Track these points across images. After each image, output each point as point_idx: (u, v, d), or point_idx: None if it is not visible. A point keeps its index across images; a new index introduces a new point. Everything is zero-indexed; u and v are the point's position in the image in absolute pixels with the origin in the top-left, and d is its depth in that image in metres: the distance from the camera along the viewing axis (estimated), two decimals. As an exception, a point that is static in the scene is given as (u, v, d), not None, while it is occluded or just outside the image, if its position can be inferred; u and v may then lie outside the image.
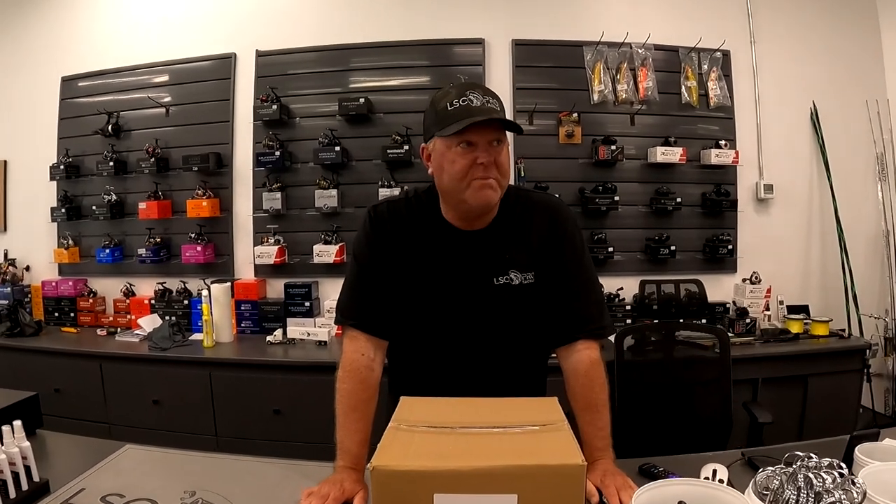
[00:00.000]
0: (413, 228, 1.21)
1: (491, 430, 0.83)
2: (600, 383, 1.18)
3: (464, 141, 1.09)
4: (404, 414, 0.89)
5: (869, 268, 3.14)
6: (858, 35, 3.15)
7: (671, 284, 2.84)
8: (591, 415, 1.15)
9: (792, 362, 2.59)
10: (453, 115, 1.08)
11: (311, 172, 2.92)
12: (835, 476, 0.89)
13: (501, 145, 1.12)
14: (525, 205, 1.24)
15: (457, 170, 1.10)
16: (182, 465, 1.27)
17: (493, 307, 1.20)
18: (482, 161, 1.08)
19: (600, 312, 1.24)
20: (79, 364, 2.67)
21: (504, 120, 1.10)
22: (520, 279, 1.20)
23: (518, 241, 1.21)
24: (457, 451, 0.78)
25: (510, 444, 0.80)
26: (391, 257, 1.20)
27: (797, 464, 0.92)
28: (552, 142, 2.90)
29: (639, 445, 1.47)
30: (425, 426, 0.84)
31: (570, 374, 1.20)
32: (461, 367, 1.22)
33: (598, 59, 2.89)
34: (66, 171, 3.09)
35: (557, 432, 0.83)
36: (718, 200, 2.93)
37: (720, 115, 2.98)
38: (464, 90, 1.10)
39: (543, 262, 1.21)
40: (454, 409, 0.94)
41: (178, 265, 3.01)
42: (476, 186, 1.10)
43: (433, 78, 2.91)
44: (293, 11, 3.01)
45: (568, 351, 1.20)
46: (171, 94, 3.07)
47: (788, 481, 0.90)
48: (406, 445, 0.79)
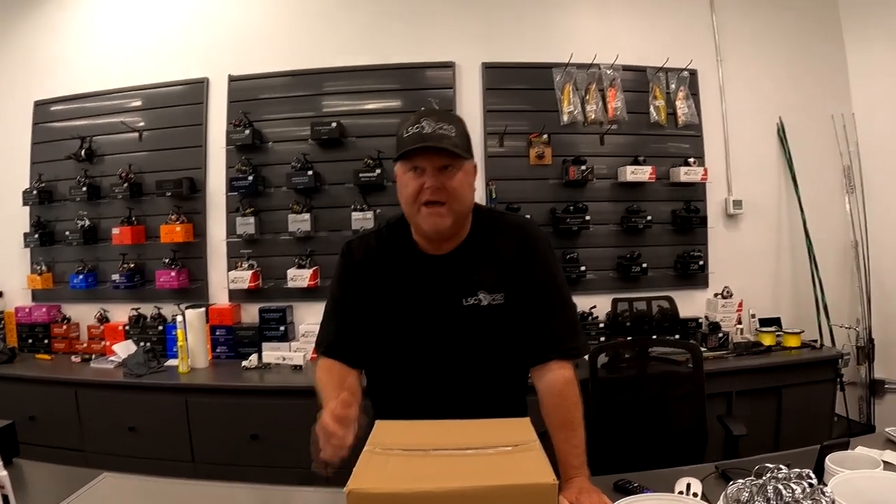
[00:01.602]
0: (384, 259, 1.25)
1: (464, 451, 0.85)
2: (574, 402, 1.20)
3: (413, 166, 1.14)
4: (379, 437, 0.90)
5: (839, 279, 3.20)
6: (823, 51, 3.22)
7: (643, 301, 2.86)
8: (566, 433, 1.17)
9: (765, 374, 2.62)
10: (406, 141, 1.13)
11: (284, 197, 2.93)
12: (804, 486, 0.90)
13: (452, 170, 1.14)
14: (496, 226, 1.27)
15: (408, 193, 1.16)
16: (160, 492, 1.28)
17: (463, 328, 1.22)
18: (428, 185, 1.13)
19: (574, 332, 1.26)
20: (54, 391, 2.65)
21: (441, 147, 1.11)
22: (489, 300, 1.22)
23: (487, 262, 1.23)
24: (431, 473, 0.79)
25: (483, 465, 0.81)
26: (364, 290, 1.24)
27: (767, 475, 0.94)
28: (523, 163, 2.93)
29: (615, 462, 1.49)
30: (400, 449, 0.85)
31: (544, 393, 1.22)
32: (437, 389, 1.24)
33: (567, 81, 2.93)
34: (39, 196, 3.06)
35: (529, 452, 0.84)
36: (688, 217, 2.97)
37: (688, 133, 3.03)
38: (419, 117, 1.14)
39: (513, 282, 1.23)
40: (428, 431, 0.95)
41: (153, 290, 3.00)
42: (424, 213, 1.15)
43: (405, 101, 2.93)
44: (265, 36, 3.03)
45: (542, 371, 1.23)
46: (144, 119, 3.07)
47: (758, 493, 0.92)
48: (381, 468, 0.80)
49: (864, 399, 3.15)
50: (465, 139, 1.18)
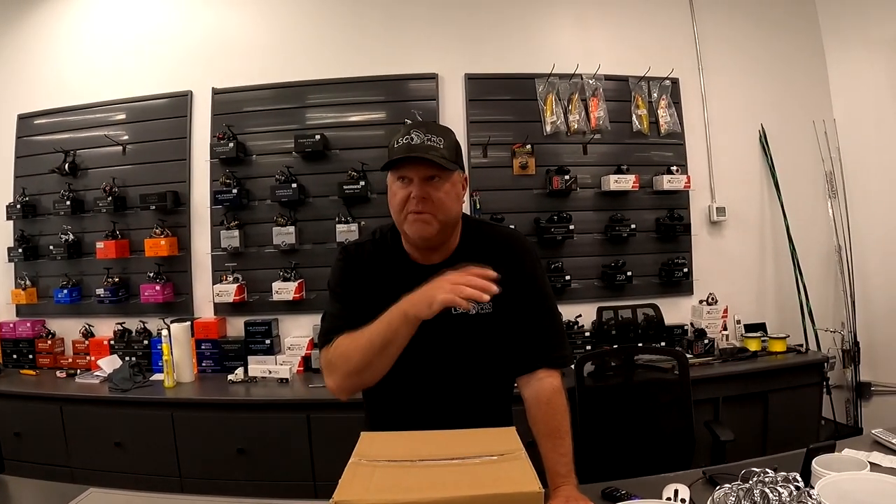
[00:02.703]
0: (376, 267, 1.27)
1: (450, 461, 0.85)
2: (562, 410, 1.21)
3: (401, 176, 1.18)
4: (364, 449, 0.90)
5: (823, 283, 3.22)
6: (803, 58, 3.25)
7: (629, 310, 2.89)
8: (553, 441, 1.18)
9: (751, 380, 2.64)
10: (395, 151, 1.17)
11: (268, 210, 2.93)
12: (791, 489, 0.91)
13: (438, 181, 1.17)
14: (484, 237, 1.29)
15: (396, 202, 1.19)
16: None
17: (452, 337, 1.24)
18: (414, 195, 1.16)
19: (560, 342, 1.28)
20: (39, 407, 2.63)
21: (427, 158, 1.14)
22: (477, 309, 1.24)
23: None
24: (417, 484, 0.79)
25: (469, 475, 0.82)
26: (359, 292, 1.25)
27: (753, 479, 0.94)
28: (506, 173, 2.94)
29: (603, 470, 1.49)
30: (385, 460, 0.86)
31: (531, 401, 1.23)
32: (426, 398, 1.25)
33: (549, 91, 2.95)
34: (22, 211, 3.05)
35: (515, 461, 0.85)
36: (672, 225, 2.99)
37: (671, 142, 3.05)
38: (409, 129, 1.18)
39: (502, 292, 1.22)
40: (414, 442, 0.95)
41: (137, 305, 2.99)
42: (410, 220, 1.18)
43: (389, 113, 2.94)
44: (249, 49, 3.03)
45: (529, 379, 1.24)
46: (127, 133, 3.06)
47: (745, 497, 0.92)
48: (367, 480, 0.80)
49: (851, 402, 3.17)
50: (454, 151, 1.21)
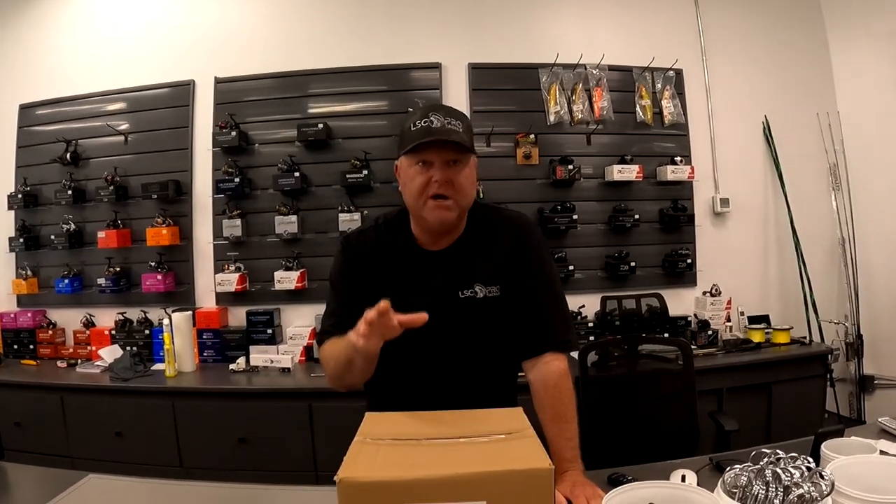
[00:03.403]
0: (382, 252, 1.26)
1: (457, 440, 0.83)
2: (569, 394, 1.20)
3: (421, 160, 1.14)
4: (369, 428, 0.88)
5: (826, 275, 3.22)
6: (807, 50, 3.24)
7: (632, 300, 2.86)
8: (560, 426, 1.17)
9: (755, 371, 2.63)
10: (414, 135, 1.13)
11: (270, 199, 2.92)
12: (802, 470, 0.90)
13: (459, 165, 1.15)
14: (491, 221, 1.28)
15: (414, 187, 1.16)
16: (145, 493, 1.27)
17: (459, 320, 1.23)
18: (436, 179, 1.13)
19: (566, 326, 1.28)
20: (39, 397, 2.62)
21: (453, 141, 1.12)
22: (484, 292, 1.23)
23: (483, 256, 1.24)
24: (424, 461, 0.77)
25: (477, 452, 0.80)
26: (363, 281, 1.24)
27: (764, 460, 0.93)
28: (510, 163, 2.93)
29: (607, 459, 1.48)
30: (391, 439, 0.84)
31: (538, 385, 1.22)
32: (432, 381, 1.24)
33: (553, 81, 2.94)
34: (24, 201, 3.04)
35: (524, 439, 0.83)
36: (676, 216, 2.98)
37: (675, 132, 3.04)
38: (427, 111, 1.15)
39: (508, 275, 1.24)
40: (419, 422, 0.94)
41: (139, 294, 2.97)
42: (431, 206, 1.15)
43: (391, 103, 2.93)
44: (252, 38, 3.02)
45: (536, 363, 1.23)
46: (129, 122, 3.05)
47: (756, 477, 0.91)
48: (372, 458, 0.79)
49: (854, 395, 3.16)
50: (470, 134, 1.20)
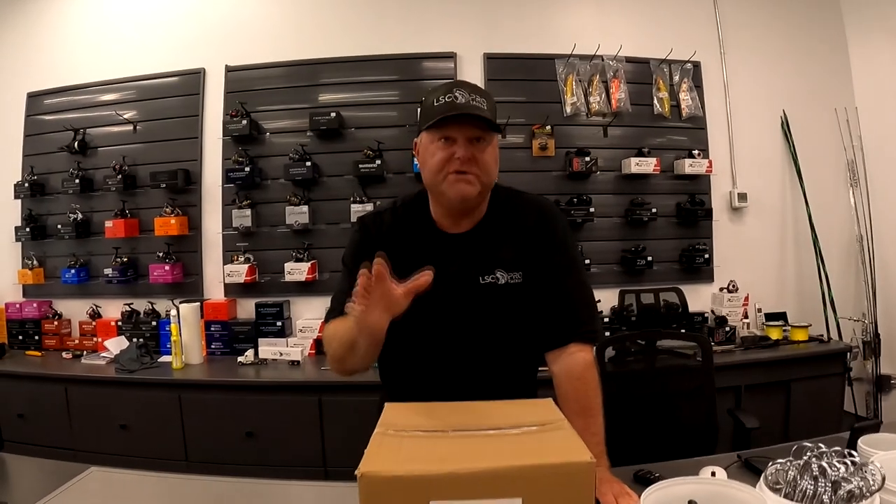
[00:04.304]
0: (400, 234, 1.22)
1: (487, 431, 0.77)
2: (594, 386, 1.15)
3: (444, 136, 1.11)
4: (390, 419, 0.82)
5: (844, 272, 3.17)
6: (826, 45, 3.20)
7: (650, 294, 2.82)
8: (585, 420, 1.11)
9: (773, 368, 2.60)
10: (437, 110, 1.10)
11: (281, 189, 2.88)
12: (847, 464, 0.87)
13: (483, 143, 1.12)
14: (514, 205, 1.24)
15: (435, 162, 1.12)
16: (147, 486, 1.25)
17: (480, 306, 1.19)
18: (458, 156, 1.10)
19: (592, 316, 1.23)
20: (43, 388, 2.59)
21: (480, 116, 1.09)
22: (506, 278, 1.19)
23: (505, 241, 1.20)
24: (452, 454, 0.71)
25: (510, 445, 0.74)
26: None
27: (807, 455, 0.90)
28: (526, 155, 2.88)
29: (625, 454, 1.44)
30: (415, 430, 0.78)
31: (562, 377, 1.16)
32: (451, 370, 1.19)
33: (570, 72, 2.90)
34: (30, 190, 3.00)
35: (559, 430, 0.78)
36: (693, 210, 2.93)
37: (692, 126, 3.00)
38: (451, 87, 1.12)
39: (531, 261, 1.20)
40: (444, 412, 0.87)
41: (146, 285, 2.93)
42: (451, 180, 1.11)
43: (405, 92, 2.89)
44: (263, 26, 2.98)
45: (560, 354, 1.18)
46: (138, 111, 3.01)
47: (802, 473, 0.87)
48: (395, 451, 0.73)
49: (871, 394, 3.11)
50: (495, 113, 1.15)
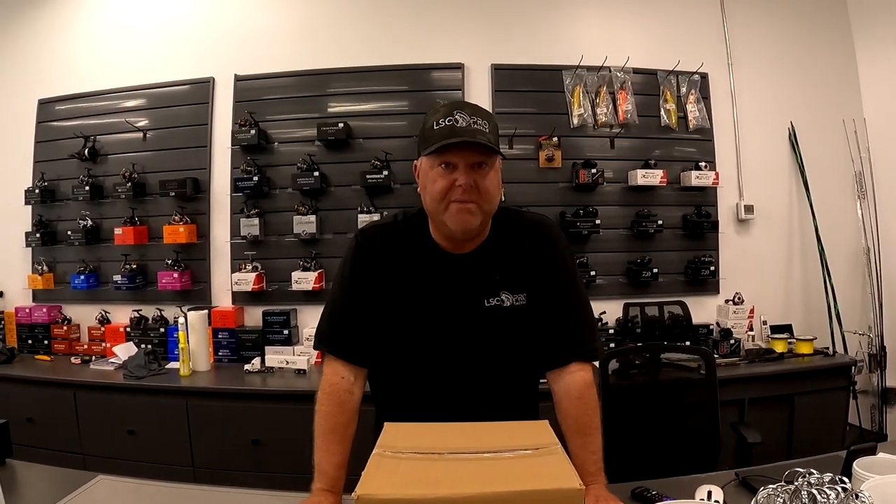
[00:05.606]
0: (401, 251, 1.19)
1: (481, 455, 0.80)
2: (593, 406, 1.16)
3: (444, 161, 1.08)
4: (389, 440, 0.85)
5: (850, 285, 3.16)
6: (834, 56, 3.19)
7: (655, 307, 2.83)
8: (584, 438, 1.12)
9: (778, 382, 2.59)
10: (437, 134, 1.07)
11: (289, 198, 2.89)
12: (838, 491, 0.87)
13: (485, 168, 1.10)
14: (515, 225, 1.23)
15: (436, 190, 1.09)
16: (156, 496, 1.24)
17: (484, 330, 1.18)
18: (460, 183, 1.07)
19: (592, 334, 1.23)
20: (52, 393, 2.61)
21: (479, 143, 1.06)
22: (511, 300, 1.18)
23: (509, 262, 1.19)
24: (447, 478, 0.74)
25: (503, 469, 0.76)
26: (377, 281, 1.18)
27: (798, 480, 0.90)
28: (532, 166, 2.89)
29: (627, 469, 1.45)
30: (412, 452, 0.80)
31: (562, 396, 1.17)
32: (452, 393, 1.19)
33: (577, 83, 2.90)
34: (41, 196, 3.03)
35: (551, 455, 0.80)
36: (699, 222, 2.93)
37: (699, 138, 3.00)
38: (451, 110, 1.09)
39: (535, 283, 1.19)
40: (441, 434, 0.90)
41: (155, 292, 2.96)
42: (453, 210, 1.09)
43: (413, 103, 2.90)
44: (272, 36, 3.00)
45: (560, 373, 1.18)
46: (148, 119, 3.04)
47: (792, 499, 0.88)
48: (392, 473, 0.75)
49: (877, 407, 3.10)
50: (496, 135, 1.14)
